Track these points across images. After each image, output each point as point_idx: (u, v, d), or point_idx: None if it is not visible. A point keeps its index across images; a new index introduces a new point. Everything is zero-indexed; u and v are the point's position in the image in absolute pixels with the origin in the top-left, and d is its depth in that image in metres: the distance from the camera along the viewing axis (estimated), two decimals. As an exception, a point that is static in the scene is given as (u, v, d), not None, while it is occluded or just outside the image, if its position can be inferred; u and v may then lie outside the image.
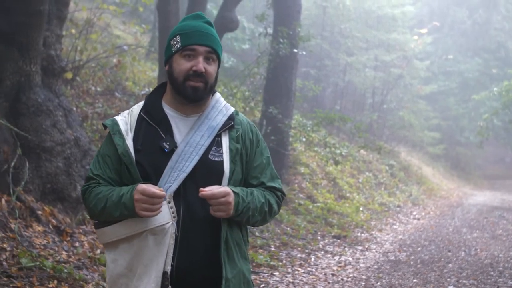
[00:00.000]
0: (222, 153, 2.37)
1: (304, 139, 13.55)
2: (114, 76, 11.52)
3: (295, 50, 12.27)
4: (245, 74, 13.41)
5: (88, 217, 6.65)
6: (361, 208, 13.27)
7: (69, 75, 9.32)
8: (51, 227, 6.07)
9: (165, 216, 2.26)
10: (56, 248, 5.73)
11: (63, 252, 5.71)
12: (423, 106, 26.77)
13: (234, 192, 2.28)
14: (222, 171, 2.35)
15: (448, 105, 30.22)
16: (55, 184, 6.42)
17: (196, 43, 2.33)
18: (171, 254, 2.25)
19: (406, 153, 23.92)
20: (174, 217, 2.27)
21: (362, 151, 17.51)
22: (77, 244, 6.04)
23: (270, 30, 12.60)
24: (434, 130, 27.26)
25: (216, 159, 2.35)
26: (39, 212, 6.08)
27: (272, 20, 12.88)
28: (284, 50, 11.75)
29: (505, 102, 22.79)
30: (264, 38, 13.00)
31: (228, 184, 2.35)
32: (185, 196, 2.30)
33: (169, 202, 2.28)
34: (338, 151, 13.50)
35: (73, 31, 10.51)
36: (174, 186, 2.28)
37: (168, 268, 2.25)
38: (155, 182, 2.29)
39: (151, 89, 11.58)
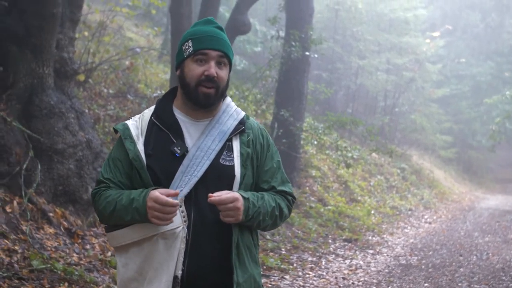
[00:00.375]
0: (233, 157, 2.37)
1: (315, 142, 13.53)
2: (127, 78, 11.56)
3: (307, 53, 12.27)
4: (257, 77, 13.42)
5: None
6: (372, 212, 13.23)
7: (81, 77, 9.36)
8: (62, 229, 6.09)
9: (176, 220, 2.26)
10: (67, 250, 5.75)
11: (74, 254, 5.73)
12: (435, 110, 26.66)
13: (243, 197, 2.29)
14: (233, 176, 2.35)
15: (460, 109, 30.09)
16: (66, 186, 6.45)
17: (208, 47, 2.34)
18: (181, 259, 2.26)
19: (418, 157, 23.83)
20: (185, 221, 2.28)
21: (373, 154, 17.47)
22: (88, 246, 6.07)
23: (282, 33, 12.60)
24: (446, 134, 27.14)
25: (227, 163, 2.36)
26: (51, 214, 6.11)
27: (284, 23, 12.88)
28: (296, 53, 11.75)
29: (518, 106, 22.68)
30: (276, 41, 13.01)
31: (239, 188, 2.36)
32: (196, 200, 2.30)
33: (180, 206, 2.28)
34: (349, 154, 13.46)
35: (86, 33, 10.55)
36: (185, 190, 2.29)
37: (179, 273, 2.25)
38: (166, 187, 2.29)
39: (163, 92, 11.65)
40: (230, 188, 2.34)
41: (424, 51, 24.48)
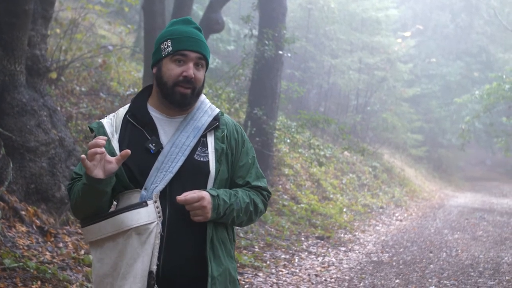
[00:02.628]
0: (207, 153, 2.41)
1: (288, 141, 13.60)
2: (99, 76, 11.49)
3: (280, 52, 12.33)
4: (230, 75, 13.44)
5: (72, 218, 6.64)
6: (344, 209, 13.35)
7: (53, 75, 9.29)
8: (34, 227, 6.05)
9: (151, 215, 2.28)
10: (40, 249, 5.72)
11: (47, 253, 5.70)
12: (406, 109, 26.96)
13: (212, 195, 2.32)
14: (208, 171, 2.39)
15: (430, 108, 30.46)
16: (39, 184, 6.40)
17: (188, 48, 2.37)
18: (156, 254, 2.28)
19: (389, 155, 24.08)
20: (159, 217, 2.30)
21: (345, 152, 17.62)
22: (61, 244, 6.03)
23: (255, 32, 12.64)
24: (416, 133, 27.46)
25: (202, 159, 2.39)
26: (23, 213, 6.06)
27: (258, 22, 12.93)
28: (269, 51, 11.80)
29: (487, 105, 23.02)
30: (249, 40, 13.05)
31: (214, 184, 2.39)
32: (171, 196, 2.32)
33: (155, 202, 2.30)
34: (322, 153, 13.57)
35: (58, 30, 10.47)
36: (161, 186, 2.32)
37: (154, 268, 2.27)
38: (141, 183, 2.33)
39: (136, 90, 11.61)
40: (205, 183, 2.38)
41: (396, 51, 24.73)
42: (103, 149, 2.19)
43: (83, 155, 2.20)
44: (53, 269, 5.26)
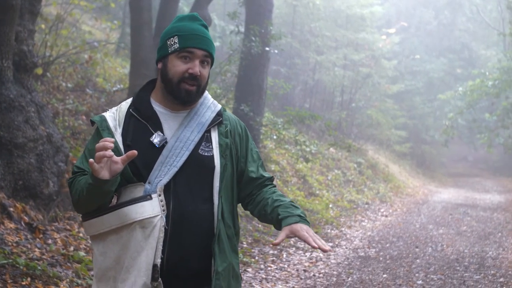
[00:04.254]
0: (212, 148, 2.42)
1: (275, 137, 13.63)
2: (85, 72, 11.43)
3: (267, 48, 12.35)
4: (216, 72, 13.43)
5: (61, 214, 6.62)
6: (330, 205, 13.41)
7: (39, 71, 9.21)
8: (23, 224, 6.01)
9: (155, 208, 2.29)
10: (29, 245, 5.68)
11: (36, 249, 5.67)
12: (390, 105, 27.11)
13: (300, 216, 2.36)
14: (213, 166, 2.40)
15: (414, 104, 30.66)
16: (27, 180, 6.36)
17: (195, 46, 2.37)
18: (160, 247, 2.28)
19: (374, 151, 24.20)
20: (163, 211, 2.30)
21: (331, 149, 17.68)
22: (50, 241, 6.00)
23: (241, 28, 12.64)
24: (400, 129, 27.61)
25: (206, 154, 2.40)
26: (11, 209, 6.02)
27: (244, 18, 12.92)
28: (256, 48, 11.81)
29: (470, 102, 23.27)
30: (235, 36, 13.04)
31: (221, 179, 2.40)
32: (175, 190, 2.33)
33: (159, 196, 2.30)
34: (308, 149, 13.61)
35: (43, 26, 10.39)
36: (165, 180, 2.32)
37: (158, 261, 2.27)
38: (145, 177, 2.33)
39: (122, 86, 11.57)
40: (211, 179, 2.39)
41: (380, 48, 24.85)
42: (111, 153, 2.18)
43: (91, 160, 2.18)
44: (43, 266, 5.23)
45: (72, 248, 5.98)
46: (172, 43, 2.39)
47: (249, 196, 2.55)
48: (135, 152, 2.21)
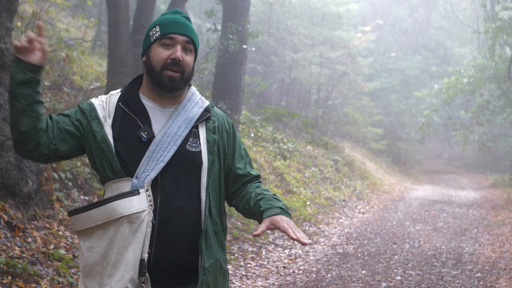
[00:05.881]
0: (199, 144, 2.43)
1: (252, 135, 13.66)
2: (62, 70, 11.34)
3: (244, 46, 12.37)
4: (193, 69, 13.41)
5: (40, 213, 6.57)
6: (308, 203, 13.49)
7: (16, 69, 9.12)
8: (2, 222, 5.97)
9: (143, 203, 2.30)
10: (9, 244, 5.65)
11: (16, 248, 5.64)
12: (366, 103, 27.30)
13: (282, 209, 2.38)
14: (201, 162, 2.41)
15: (390, 102, 30.89)
16: (6, 179, 6.30)
17: (175, 32, 2.40)
18: (148, 242, 2.29)
19: (350, 149, 24.36)
20: (151, 206, 2.31)
21: (308, 146, 17.76)
22: (29, 239, 5.97)
23: (218, 26, 12.65)
24: (377, 126, 27.81)
25: (194, 149, 2.41)
26: (-10, 208, 5.98)
27: (221, 16, 12.93)
28: (233, 46, 11.82)
29: (445, 99, 23.51)
30: (213, 34, 13.05)
31: (208, 175, 2.41)
32: (163, 185, 2.35)
33: (147, 191, 2.32)
34: (285, 147, 13.66)
35: (19, 24, 10.28)
36: (152, 175, 2.33)
37: (145, 256, 2.28)
38: (132, 171, 2.34)
39: (99, 84, 11.50)
40: (198, 175, 2.40)
41: (356, 45, 25.01)
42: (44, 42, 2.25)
43: (15, 41, 2.22)
44: (23, 264, 5.21)
45: (52, 246, 5.95)
46: (154, 32, 2.42)
47: (234, 193, 2.57)
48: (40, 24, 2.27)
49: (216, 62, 12.65)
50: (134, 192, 2.30)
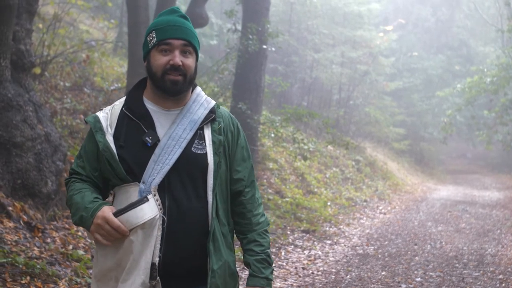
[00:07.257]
0: (205, 145, 2.41)
1: (272, 135, 13.63)
2: (82, 71, 11.43)
3: (264, 46, 12.34)
4: (213, 70, 13.43)
5: (59, 213, 6.62)
6: (328, 203, 13.42)
7: (37, 70, 9.19)
8: (22, 223, 6.02)
9: (153, 209, 2.29)
10: (28, 244, 5.70)
11: (35, 248, 5.68)
12: (388, 102, 27.10)
13: (268, 280, 2.49)
14: (206, 164, 2.39)
15: (412, 102, 30.62)
16: (25, 180, 6.37)
17: (171, 37, 2.37)
18: (158, 246, 2.28)
19: (372, 149, 24.21)
20: (160, 209, 2.31)
21: (329, 146, 17.69)
22: (48, 240, 6.02)
23: (239, 26, 12.64)
24: (399, 126, 27.60)
25: (200, 151, 2.39)
26: (10, 208, 6.03)
27: (241, 16, 12.92)
28: (253, 46, 11.80)
29: (468, 99, 23.26)
30: (233, 34, 13.04)
31: (215, 177, 2.39)
32: (170, 189, 2.34)
33: (155, 195, 2.31)
34: (306, 147, 13.61)
35: (41, 25, 10.38)
36: (158, 179, 2.32)
37: (156, 260, 2.28)
38: (139, 176, 2.33)
39: (120, 85, 11.57)
40: (204, 177, 2.38)
41: (378, 45, 24.83)
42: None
43: (123, 228, 2.28)
44: (42, 264, 5.25)
45: (71, 247, 5.99)
46: (151, 38, 2.40)
47: (233, 197, 2.53)
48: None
49: (236, 63, 12.64)
50: (143, 200, 2.29)
